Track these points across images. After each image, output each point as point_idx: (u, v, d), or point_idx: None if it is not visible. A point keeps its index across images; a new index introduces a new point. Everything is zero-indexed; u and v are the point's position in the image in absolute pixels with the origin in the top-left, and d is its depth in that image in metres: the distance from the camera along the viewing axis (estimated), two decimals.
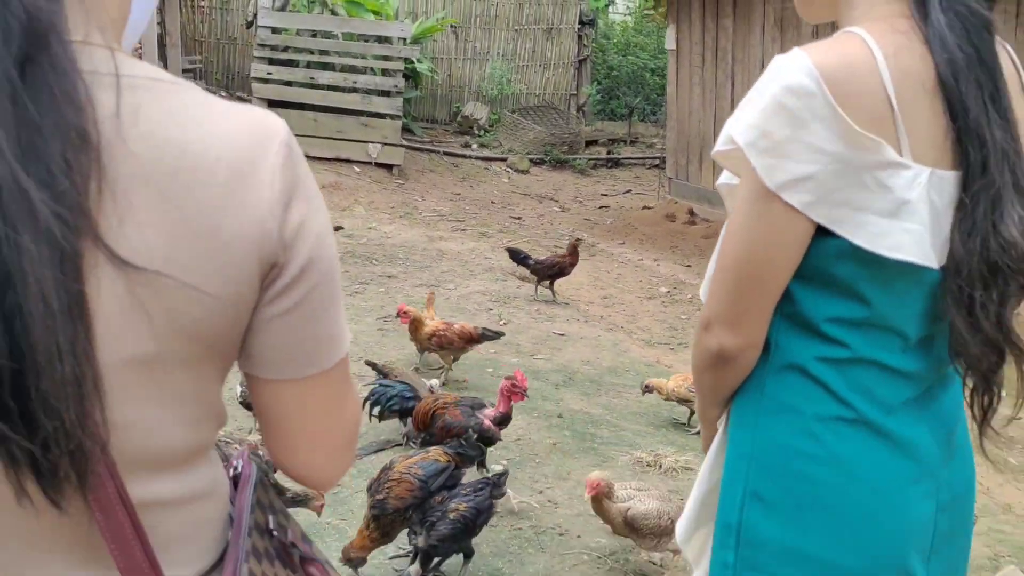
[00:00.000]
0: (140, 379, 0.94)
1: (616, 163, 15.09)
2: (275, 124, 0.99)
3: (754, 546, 1.42)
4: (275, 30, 11.99)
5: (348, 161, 11.77)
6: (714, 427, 1.55)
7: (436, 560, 3.08)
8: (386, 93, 11.99)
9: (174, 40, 14.02)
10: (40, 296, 0.81)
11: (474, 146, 14.60)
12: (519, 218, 11.46)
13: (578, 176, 14.20)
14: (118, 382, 0.91)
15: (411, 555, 3.10)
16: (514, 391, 3.73)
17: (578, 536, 3.46)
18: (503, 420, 3.81)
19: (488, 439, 3.72)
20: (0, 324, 0.82)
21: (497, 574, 3.22)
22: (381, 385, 4.14)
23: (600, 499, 3.19)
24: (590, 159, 14.84)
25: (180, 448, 1.00)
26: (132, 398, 0.94)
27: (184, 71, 14.24)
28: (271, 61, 11.93)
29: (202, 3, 15.46)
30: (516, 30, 16.12)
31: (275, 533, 1.12)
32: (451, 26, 15.49)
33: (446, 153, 13.89)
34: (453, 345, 4.85)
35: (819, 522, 1.39)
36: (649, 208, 11.93)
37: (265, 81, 11.85)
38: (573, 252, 7.11)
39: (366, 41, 12.19)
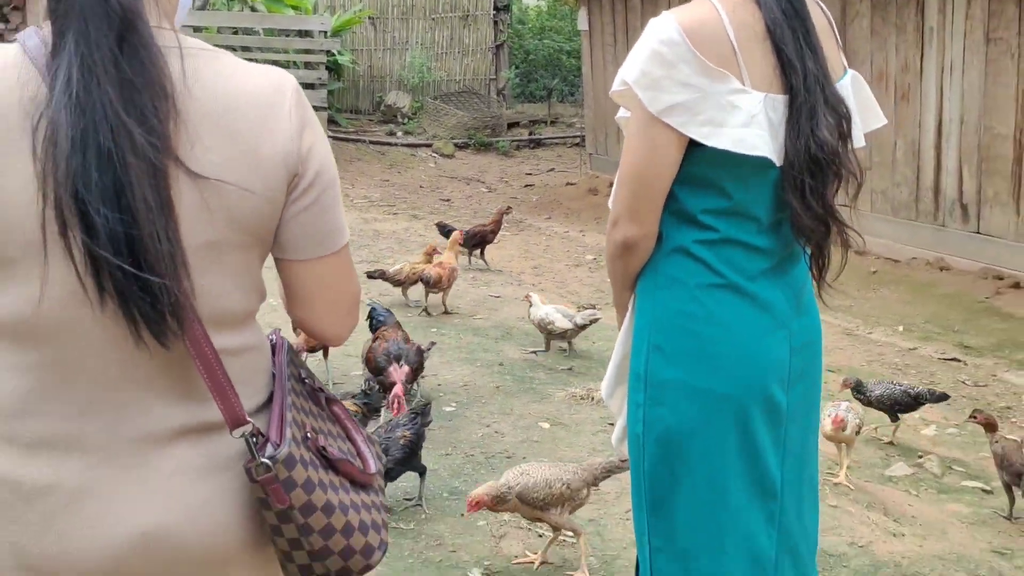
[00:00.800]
0: (209, 258, 1.30)
1: (538, 143, 15.57)
2: (287, 77, 1.39)
3: (657, 386, 1.89)
4: (196, 29, 12.21)
5: None
6: (625, 308, 2.01)
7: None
8: (310, 86, 12.31)
9: None
10: (143, 198, 1.20)
11: (399, 134, 14.97)
12: (448, 200, 11.89)
13: (502, 158, 14.65)
14: (195, 260, 1.27)
15: None
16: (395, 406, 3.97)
17: (523, 458, 3.92)
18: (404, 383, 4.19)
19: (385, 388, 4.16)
20: (118, 217, 1.19)
21: (456, 491, 3.67)
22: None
23: (490, 505, 3.13)
24: (513, 141, 15.30)
25: (238, 310, 1.38)
26: (206, 271, 1.30)
27: None
28: None
29: None
30: (433, 19, 16.50)
31: (306, 380, 1.50)
32: (369, 18, 15.83)
33: (372, 142, 14.24)
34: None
35: (703, 363, 1.86)
36: (572, 184, 12.44)
37: None
38: (496, 220, 7.59)
39: (287, 36, 12.52)
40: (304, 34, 12.60)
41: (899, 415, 4.48)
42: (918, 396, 4.45)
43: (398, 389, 3.98)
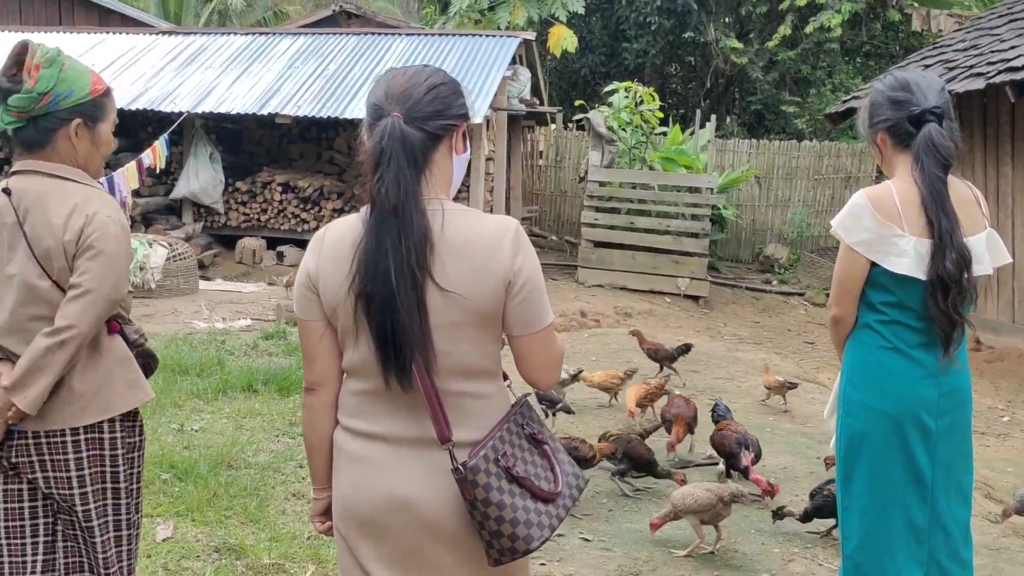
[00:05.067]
0: (455, 332, 2.10)
1: None
2: (510, 221, 2.16)
3: (849, 405, 3.17)
4: (602, 183, 14.37)
5: (660, 293, 13.75)
6: (841, 358, 3.30)
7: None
8: (694, 235, 13.96)
9: (516, 193, 16.89)
10: (404, 302, 2.04)
11: (774, 282, 16.15)
12: (812, 343, 12.88)
13: None
14: (444, 332, 2.10)
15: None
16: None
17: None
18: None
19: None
20: (390, 316, 2.04)
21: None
22: None
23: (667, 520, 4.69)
24: None
25: (475, 366, 2.15)
26: (452, 339, 2.11)
27: (523, 219, 16.99)
28: (598, 209, 14.30)
29: (540, 162, 18.33)
30: (816, 179, 17.71)
31: (525, 427, 2.22)
32: (755, 177, 17.29)
33: (748, 288, 15.53)
34: None
35: (876, 392, 3.10)
36: None
37: (592, 226, 14.20)
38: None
39: (678, 191, 14.29)
40: (693, 190, 14.26)
41: None
42: None
43: (755, 475, 5.16)
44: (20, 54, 2.83)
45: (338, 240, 2.17)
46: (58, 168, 2.85)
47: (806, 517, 4.78)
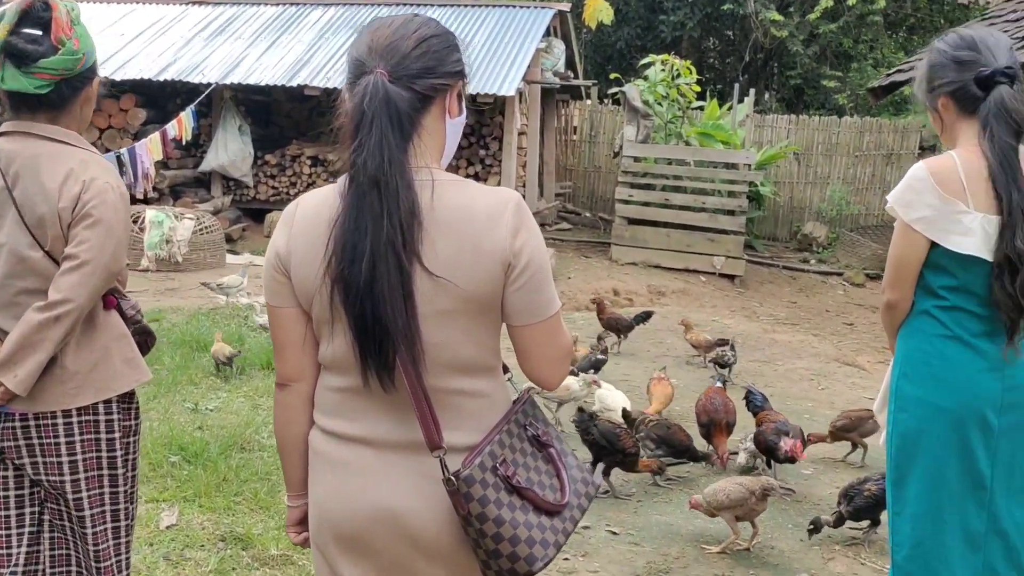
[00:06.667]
0: (446, 321, 1.83)
1: None
2: (510, 194, 1.88)
3: (903, 399, 2.86)
4: (637, 159, 14.05)
5: (695, 271, 13.43)
6: (893, 347, 2.99)
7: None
8: (731, 212, 13.62)
9: (550, 169, 16.60)
10: (387, 289, 1.76)
11: (812, 261, 15.78)
12: (851, 324, 12.53)
13: None
14: (434, 322, 1.82)
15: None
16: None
17: None
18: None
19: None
20: (371, 304, 1.76)
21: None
22: None
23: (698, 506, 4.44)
24: None
25: (470, 360, 1.88)
26: (444, 329, 1.83)
27: (556, 195, 16.72)
28: (632, 185, 13.98)
29: (574, 137, 18.01)
30: (857, 156, 17.27)
31: (528, 428, 1.96)
32: (794, 153, 16.90)
33: (785, 267, 15.17)
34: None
35: (934, 386, 2.80)
36: None
37: (626, 202, 13.89)
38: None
39: (715, 167, 13.94)
40: (730, 166, 13.92)
41: None
42: None
43: (798, 449, 4.88)
44: (27, 12, 2.59)
45: (312, 216, 1.90)
46: (51, 130, 2.63)
47: (839, 521, 4.46)
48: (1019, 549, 2.89)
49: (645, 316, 8.76)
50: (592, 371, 6.37)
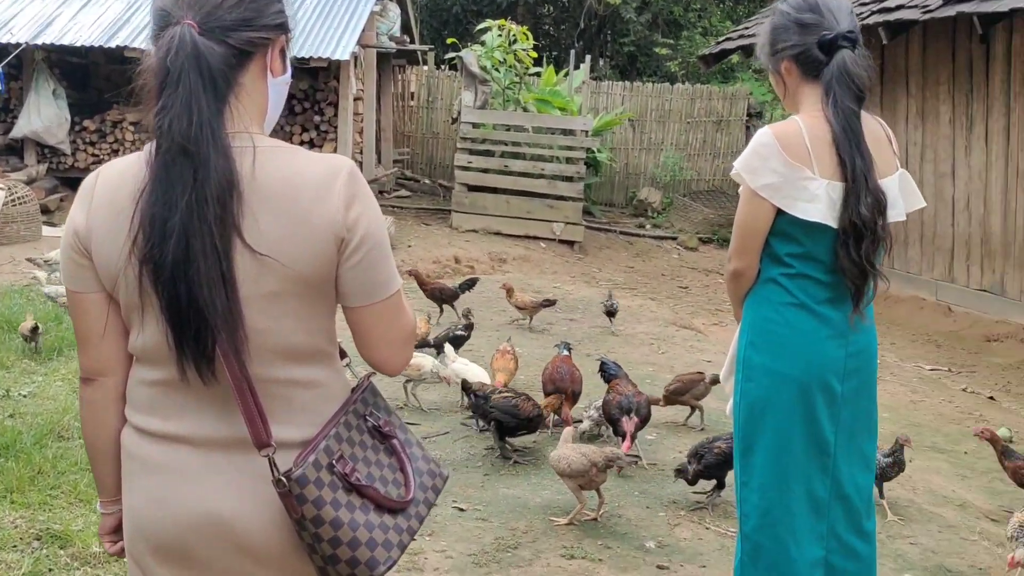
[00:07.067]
0: (274, 303, 1.64)
1: None
2: (342, 161, 1.70)
3: (749, 368, 2.83)
4: (475, 125, 13.92)
5: (535, 238, 13.45)
6: (739, 316, 2.96)
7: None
8: (569, 179, 13.68)
9: (388, 135, 16.29)
10: (203, 270, 1.56)
11: (647, 226, 16.07)
12: (686, 287, 12.82)
13: None
14: (260, 305, 1.63)
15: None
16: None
17: None
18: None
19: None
20: (185, 286, 1.56)
21: (645, 492, 4.63)
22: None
23: None
24: None
25: (304, 348, 1.70)
26: (271, 313, 1.64)
27: (394, 162, 16.44)
28: (471, 152, 13.86)
29: (411, 103, 17.72)
30: (688, 122, 17.63)
31: (368, 419, 1.78)
32: (629, 120, 17.10)
33: (622, 232, 15.39)
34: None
35: (779, 354, 2.78)
36: None
37: (466, 169, 13.76)
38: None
39: (553, 134, 13.97)
40: (568, 133, 13.98)
41: None
42: None
43: (627, 444, 4.69)
44: None
45: (115, 188, 1.67)
46: None
47: (695, 479, 4.50)
48: (860, 512, 2.92)
49: (470, 284, 8.65)
50: (449, 345, 6.24)
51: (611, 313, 8.50)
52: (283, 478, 1.62)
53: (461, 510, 4.42)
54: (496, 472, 4.93)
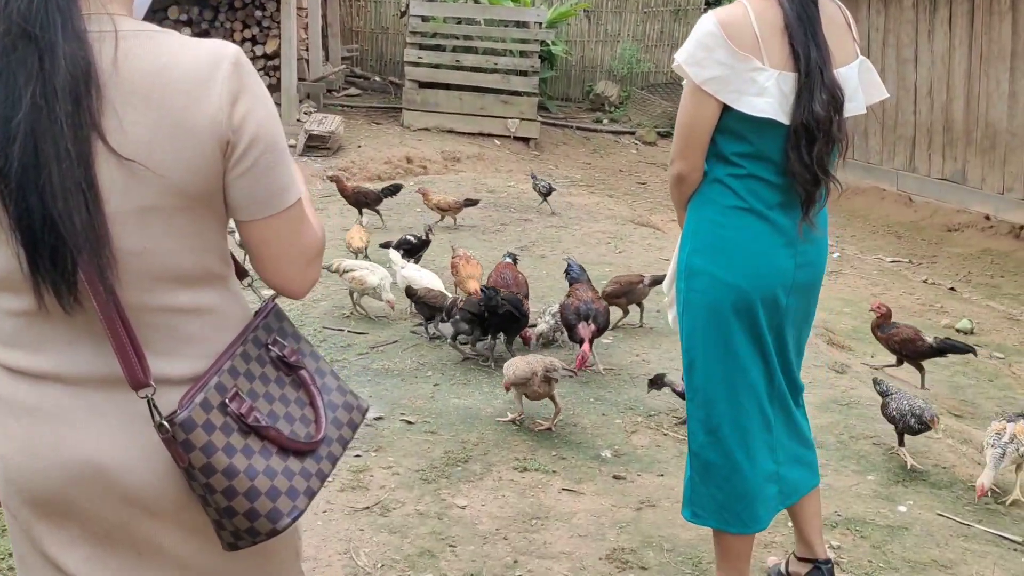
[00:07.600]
0: (150, 220, 1.40)
1: None
2: (226, 49, 1.43)
3: (693, 276, 2.66)
4: (425, 18, 13.46)
5: (490, 135, 13.15)
6: (683, 221, 2.78)
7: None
8: (523, 73, 13.33)
9: (335, 31, 15.72)
10: (57, 179, 1.32)
11: (605, 121, 15.78)
12: (644, 183, 12.64)
13: None
14: (133, 222, 1.39)
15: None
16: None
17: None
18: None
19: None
20: (37, 198, 1.32)
21: (600, 398, 4.52)
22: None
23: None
24: None
25: (190, 270, 1.47)
26: (147, 234, 1.40)
27: (343, 59, 15.91)
28: (421, 47, 13.42)
29: None
30: (645, 12, 17.18)
31: (271, 348, 1.57)
32: (584, 11, 16.63)
33: (579, 128, 15.12)
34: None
35: (725, 261, 2.60)
36: None
37: (416, 64, 13.34)
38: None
39: (506, 26, 13.53)
40: (521, 25, 13.55)
41: None
42: None
43: (585, 347, 4.55)
44: None
45: None
46: None
47: (657, 384, 4.40)
48: (799, 422, 2.85)
49: (394, 189, 8.23)
50: (402, 252, 6.05)
51: (546, 193, 8.54)
52: (165, 422, 1.41)
53: (409, 423, 4.29)
54: (447, 382, 4.79)
